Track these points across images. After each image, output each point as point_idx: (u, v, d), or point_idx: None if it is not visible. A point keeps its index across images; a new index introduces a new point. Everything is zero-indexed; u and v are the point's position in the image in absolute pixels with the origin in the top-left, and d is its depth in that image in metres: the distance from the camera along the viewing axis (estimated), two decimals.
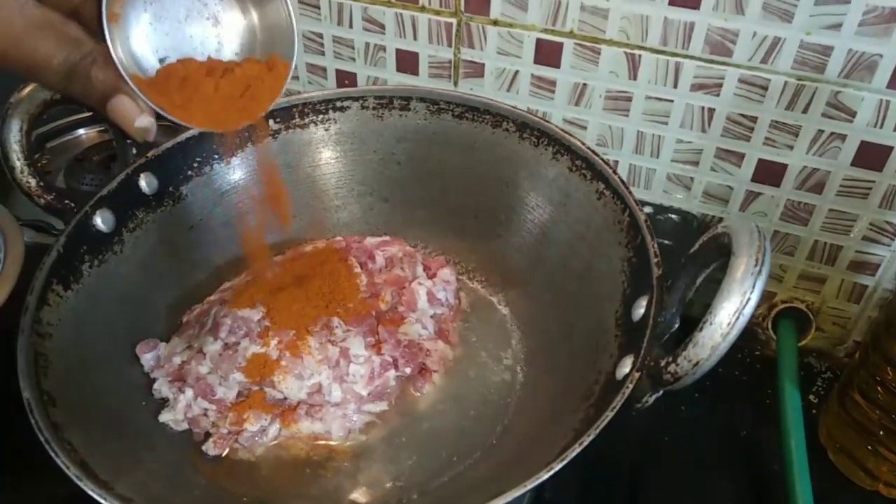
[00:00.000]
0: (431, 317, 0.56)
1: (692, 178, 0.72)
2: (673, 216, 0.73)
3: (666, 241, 0.48)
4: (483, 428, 0.51)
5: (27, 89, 0.50)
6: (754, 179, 0.69)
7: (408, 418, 0.52)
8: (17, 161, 0.50)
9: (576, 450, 0.37)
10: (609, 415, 0.38)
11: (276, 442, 0.51)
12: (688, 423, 0.65)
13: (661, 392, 0.40)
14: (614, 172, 0.52)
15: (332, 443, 0.51)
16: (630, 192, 0.50)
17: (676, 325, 0.43)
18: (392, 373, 0.52)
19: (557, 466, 0.36)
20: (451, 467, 0.49)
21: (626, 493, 0.58)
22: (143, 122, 0.41)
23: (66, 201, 0.52)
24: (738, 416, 0.66)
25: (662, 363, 0.38)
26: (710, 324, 0.35)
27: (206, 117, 0.44)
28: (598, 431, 0.37)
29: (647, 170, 0.74)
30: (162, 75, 0.42)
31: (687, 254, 0.43)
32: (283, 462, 0.50)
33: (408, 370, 0.53)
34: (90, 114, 0.89)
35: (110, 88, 0.40)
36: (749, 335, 0.73)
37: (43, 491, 0.53)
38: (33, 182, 0.50)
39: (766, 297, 0.74)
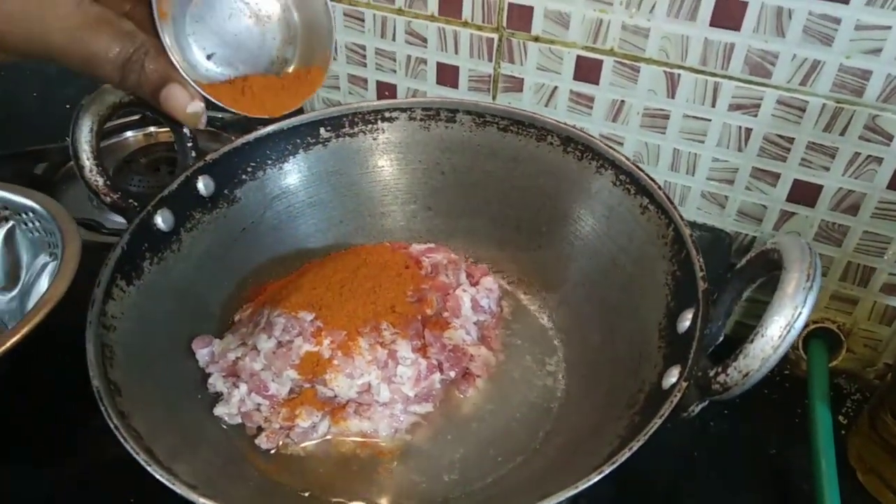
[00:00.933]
0: (475, 323, 0.58)
1: (727, 197, 0.73)
2: (706, 234, 0.74)
3: None
4: (526, 432, 0.52)
5: (99, 91, 0.52)
6: (789, 199, 0.69)
7: (452, 420, 0.54)
8: (87, 161, 0.52)
9: (625, 454, 0.38)
10: (658, 422, 0.39)
11: (325, 438, 0.52)
12: (717, 440, 0.66)
13: (706, 402, 0.41)
14: (659, 188, 0.53)
15: (379, 441, 0.52)
16: (675, 207, 0.52)
17: (721, 338, 0.44)
18: (437, 376, 0.53)
19: (607, 470, 0.38)
20: (495, 469, 0.50)
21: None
22: (194, 107, 0.45)
23: (130, 200, 0.54)
24: (768, 435, 0.66)
25: (711, 373, 0.39)
26: (762, 336, 0.36)
27: (253, 105, 0.48)
28: (647, 437, 0.39)
29: (682, 187, 0.74)
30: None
31: (734, 269, 0.44)
32: (332, 458, 0.51)
33: (452, 374, 0.54)
34: (138, 117, 0.91)
35: (163, 78, 0.43)
36: None
37: None
38: (101, 181, 0.53)
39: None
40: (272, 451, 0.52)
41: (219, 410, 0.52)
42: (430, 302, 0.56)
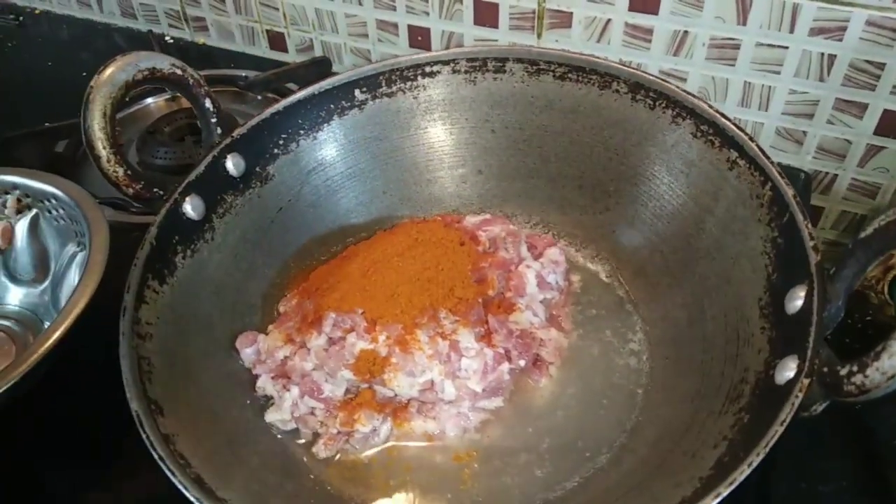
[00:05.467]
0: (542, 302, 0.52)
1: (805, 133, 0.68)
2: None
3: None
4: (609, 422, 0.48)
5: (108, 70, 0.47)
6: (877, 132, 0.65)
7: (527, 413, 0.49)
8: (103, 150, 0.46)
9: (744, 471, 0.33)
10: (779, 430, 0.34)
11: (388, 444, 0.48)
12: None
13: (828, 401, 0.35)
14: (751, 139, 0.46)
15: (447, 443, 0.48)
16: (772, 163, 0.45)
17: (840, 318, 0.38)
18: (506, 366, 0.48)
19: (725, 492, 0.32)
20: (577, 470, 0.45)
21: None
22: None
23: (155, 189, 0.49)
24: None
25: (843, 371, 0.33)
26: None
27: None
28: (767, 450, 0.33)
29: (753, 124, 0.70)
30: None
31: (856, 238, 0.37)
32: (398, 464, 0.47)
33: (522, 362, 0.49)
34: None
35: None
36: (860, 299, 0.68)
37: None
38: (121, 171, 0.47)
39: (883, 258, 0.69)
40: (332, 459, 0.47)
41: (270, 417, 0.48)
42: (491, 282, 0.50)
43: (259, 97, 0.84)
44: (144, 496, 0.52)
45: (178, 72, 0.50)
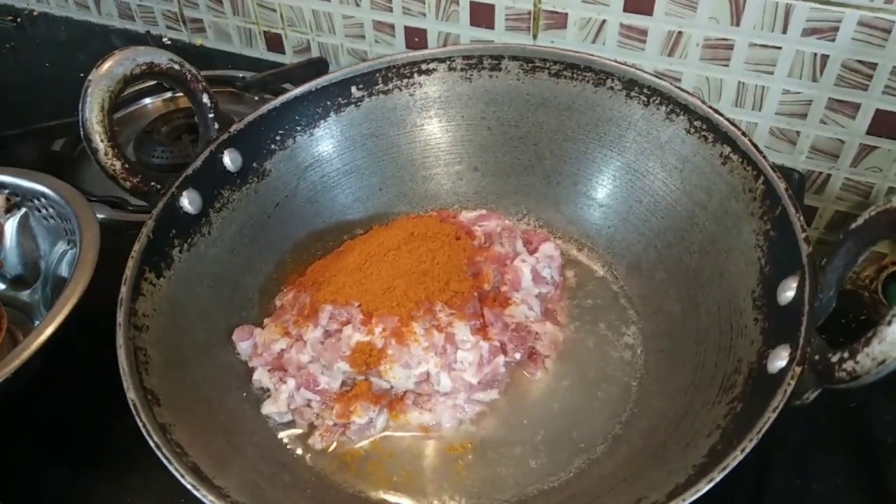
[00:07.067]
0: (537, 296, 0.52)
1: (799, 132, 0.68)
2: None
3: None
4: (604, 414, 0.48)
5: (106, 64, 0.47)
6: (870, 132, 0.65)
7: (520, 406, 0.49)
8: (101, 143, 0.47)
9: (736, 457, 0.33)
10: (771, 416, 0.34)
11: (384, 434, 0.48)
12: (794, 395, 0.61)
13: (821, 389, 0.36)
14: (743, 134, 0.47)
15: (443, 434, 0.48)
16: (764, 157, 0.45)
17: (832, 308, 0.39)
18: (501, 359, 0.48)
19: (718, 476, 0.33)
20: (571, 461, 0.45)
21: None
22: None
23: (152, 183, 0.49)
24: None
25: (834, 358, 0.33)
26: None
27: None
28: (760, 436, 0.33)
29: (747, 124, 0.70)
30: None
31: (847, 228, 0.38)
32: (393, 455, 0.47)
33: (517, 355, 0.49)
34: (154, 82, 0.86)
35: None
36: (854, 299, 0.69)
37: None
38: (118, 164, 0.48)
39: (876, 258, 0.70)
40: (328, 451, 0.47)
41: (267, 409, 0.48)
42: (486, 276, 0.51)
43: (256, 98, 0.85)
44: (138, 490, 0.52)
45: (176, 67, 0.50)
